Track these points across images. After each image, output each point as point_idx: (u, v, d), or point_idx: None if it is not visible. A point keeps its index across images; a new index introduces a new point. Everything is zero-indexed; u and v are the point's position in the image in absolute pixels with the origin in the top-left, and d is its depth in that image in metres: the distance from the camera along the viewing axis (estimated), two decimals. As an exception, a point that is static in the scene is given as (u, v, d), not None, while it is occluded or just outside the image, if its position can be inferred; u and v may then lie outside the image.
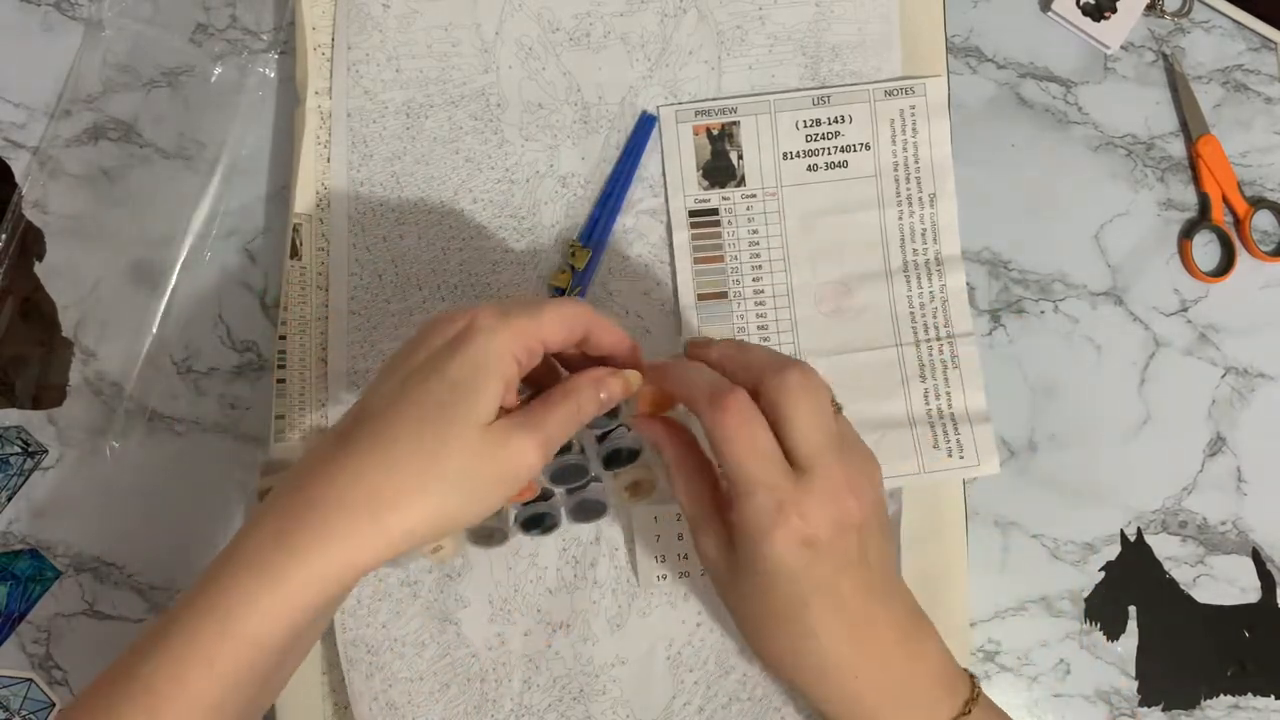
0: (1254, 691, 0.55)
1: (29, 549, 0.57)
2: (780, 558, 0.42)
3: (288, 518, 0.38)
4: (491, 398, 0.40)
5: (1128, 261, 0.58)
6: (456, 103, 0.59)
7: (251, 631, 0.37)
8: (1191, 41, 0.59)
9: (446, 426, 0.39)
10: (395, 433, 0.39)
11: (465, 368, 0.39)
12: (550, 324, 0.42)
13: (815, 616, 0.43)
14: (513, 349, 0.40)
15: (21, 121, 0.60)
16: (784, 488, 0.42)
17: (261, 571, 0.38)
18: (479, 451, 0.39)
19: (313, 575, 0.38)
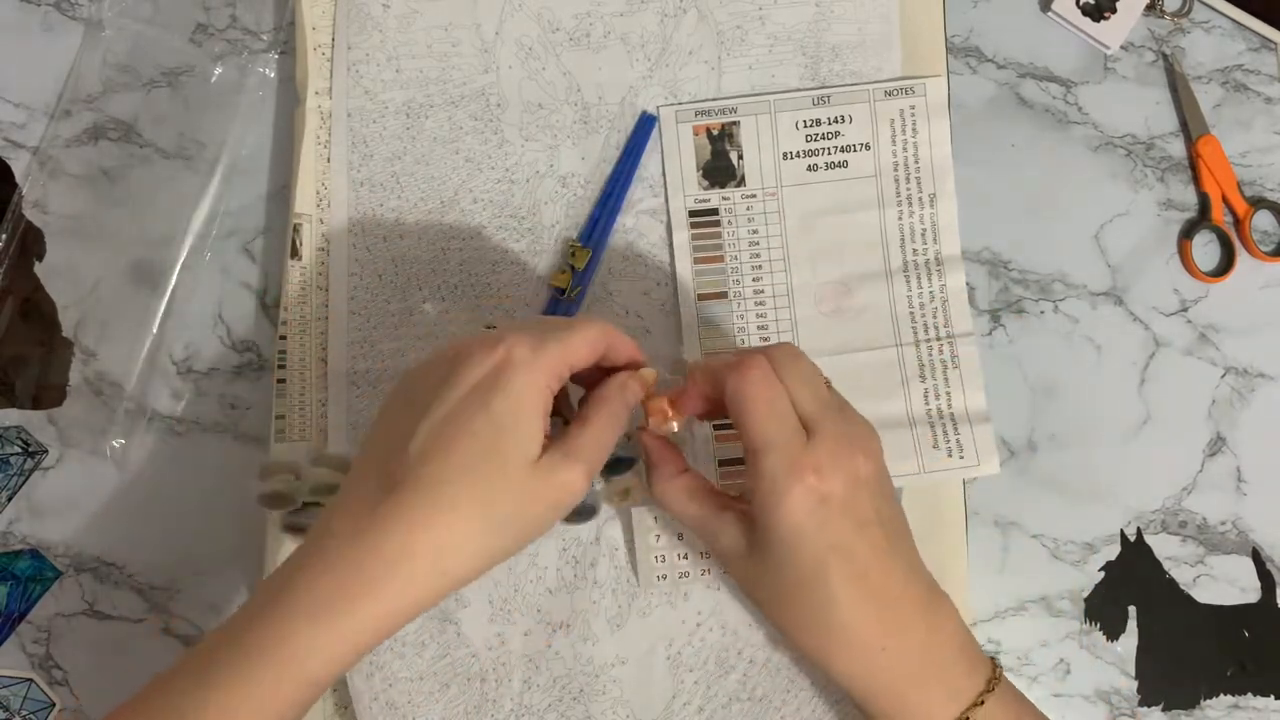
0: (1254, 691, 0.55)
1: (29, 549, 0.57)
2: (798, 516, 0.42)
3: (348, 569, 0.39)
4: (536, 433, 0.41)
5: (1128, 261, 0.58)
6: (456, 103, 0.59)
7: (310, 675, 0.39)
8: (1191, 41, 0.59)
9: (499, 471, 0.40)
10: (449, 479, 0.39)
11: (509, 404, 0.40)
12: (579, 349, 0.43)
13: (835, 581, 0.43)
14: (547, 381, 0.41)
15: (21, 121, 0.60)
16: (797, 445, 0.43)
17: (325, 622, 0.39)
18: (529, 490, 0.40)
19: (375, 622, 0.39)
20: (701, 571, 0.55)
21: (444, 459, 0.40)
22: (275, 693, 0.38)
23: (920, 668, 0.44)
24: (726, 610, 0.55)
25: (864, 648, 0.44)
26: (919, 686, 0.44)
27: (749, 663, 0.55)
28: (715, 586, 0.55)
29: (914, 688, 0.44)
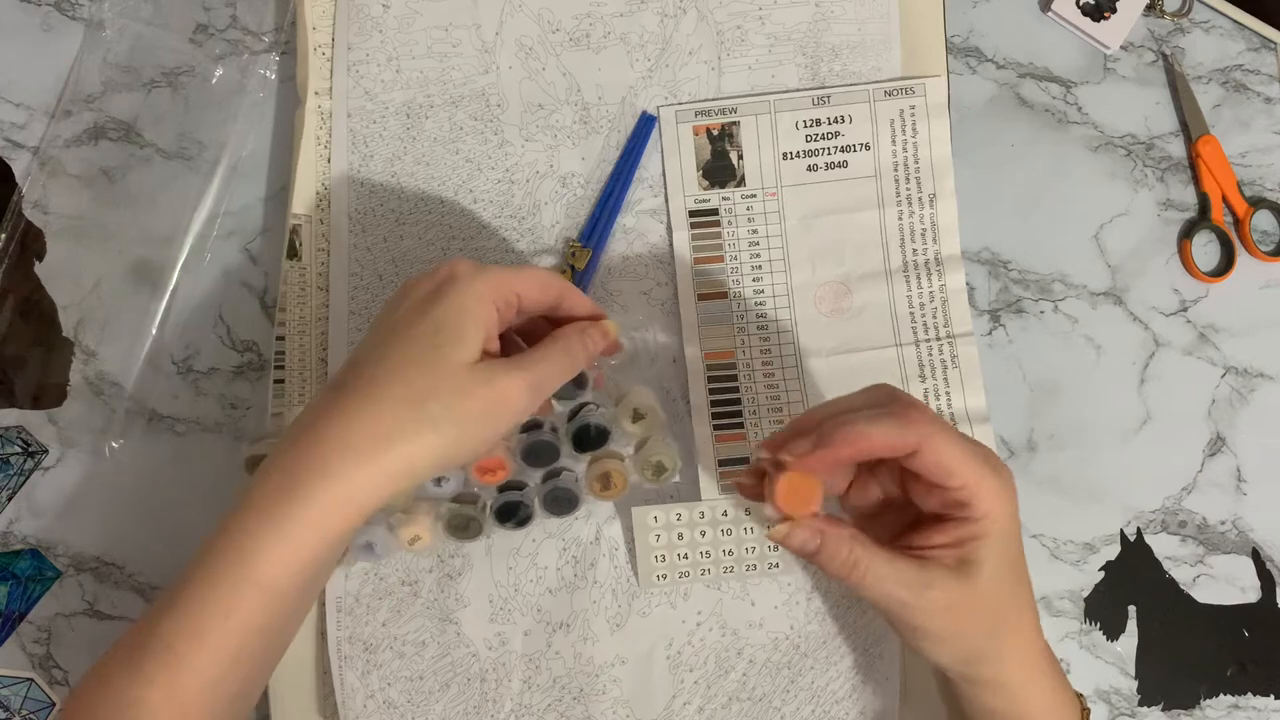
0: (1254, 691, 0.55)
1: (29, 549, 0.57)
2: (1011, 532, 0.43)
3: (290, 467, 0.40)
4: (474, 337, 0.42)
5: (1128, 261, 0.58)
6: (456, 103, 0.59)
7: (266, 579, 0.39)
8: (1191, 41, 0.59)
9: (433, 366, 0.41)
10: (386, 375, 0.41)
11: (448, 310, 0.42)
12: (526, 280, 0.44)
13: (1019, 611, 0.44)
14: (490, 295, 0.43)
15: (22, 122, 0.60)
16: (989, 457, 0.43)
17: (270, 518, 0.40)
18: (466, 389, 0.41)
19: (319, 515, 0.40)
20: (702, 571, 0.55)
21: (383, 360, 0.41)
22: (235, 600, 0.39)
23: (1054, 682, 0.45)
24: (726, 610, 0.55)
25: (1036, 665, 0.45)
26: (1052, 705, 0.45)
27: (749, 663, 0.55)
28: (715, 586, 0.55)
29: (1049, 705, 0.45)
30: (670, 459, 0.53)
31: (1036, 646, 0.45)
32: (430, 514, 0.53)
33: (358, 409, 0.41)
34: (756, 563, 0.55)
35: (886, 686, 0.55)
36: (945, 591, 0.42)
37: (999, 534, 0.42)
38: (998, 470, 0.43)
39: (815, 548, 0.43)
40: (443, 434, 0.41)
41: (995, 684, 0.44)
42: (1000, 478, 0.42)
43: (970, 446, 0.43)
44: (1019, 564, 0.44)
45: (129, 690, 0.39)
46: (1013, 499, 0.43)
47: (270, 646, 0.42)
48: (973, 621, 0.43)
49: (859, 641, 0.55)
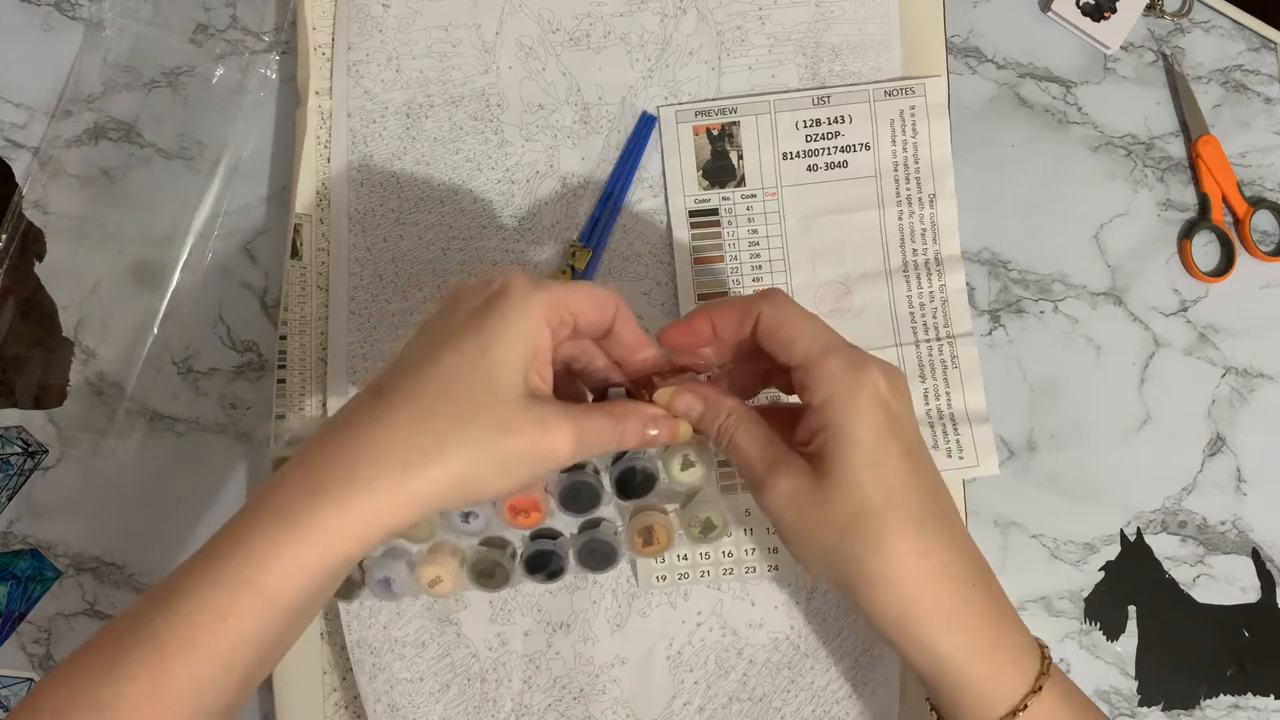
0: (1254, 691, 0.55)
1: (29, 549, 0.57)
2: (869, 419, 0.41)
3: (317, 466, 0.38)
4: (521, 363, 0.39)
5: (1127, 261, 0.58)
6: (456, 103, 0.59)
7: (270, 587, 0.37)
8: (1191, 41, 0.59)
9: (478, 392, 0.38)
10: (430, 389, 0.38)
11: (500, 328, 0.39)
12: (583, 299, 0.41)
13: (914, 502, 0.41)
14: (545, 315, 0.40)
15: (22, 122, 0.60)
16: (851, 348, 0.42)
17: (287, 520, 0.37)
18: (514, 423, 0.39)
19: (337, 527, 0.37)
20: (701, 573, 0.55)
21: (428, 370, 0.39)
22: (234, 604, 0.36)
23: (997, 624, 0.42)
24: (726, 610, 0.55)
25: (946, 590, 0.41)
26: (995, 646, 0.42)
27: (749, 663, 0.55)
28: (715, 586, 0.55)
29: (990, 648, 0.42)
30: (720, 516, 0.49)
31: (935, 578, 0.41)
32: (455, 556, 0.50)
33: (394, 421, 0.38)
34: (756, 565, 0.55)
35: (886, 686, 0.55)
36: (790, 478, 0.41)
37: (850, 431, 0.40)
38: (849, 357, 0.41)
39: (699, 410, 0.44)
40: (477, 464, 0.38)
41: (878, 618, 0.41)
42: (847, 362, 0.41)
43: (822, 326, 0.42)
44: (888, 474, 0.41)
45: (107, 685, 0.36)
46: (867, 393, 0.41)
47: (260, 661, 0.39)
48: (820, 522, 0.41)
49: (859, 642, 0.55)
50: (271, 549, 0.37)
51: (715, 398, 0.44)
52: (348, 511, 0.37)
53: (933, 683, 0.43)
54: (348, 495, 0.37)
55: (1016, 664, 0.42)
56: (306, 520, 0.37)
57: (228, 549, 0.37)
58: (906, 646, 0.42)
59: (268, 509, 0.37)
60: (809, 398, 0.42)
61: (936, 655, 0.41)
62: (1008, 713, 0.41)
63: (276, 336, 0.57)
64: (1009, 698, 0.41)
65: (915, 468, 0.42)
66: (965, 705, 0.42)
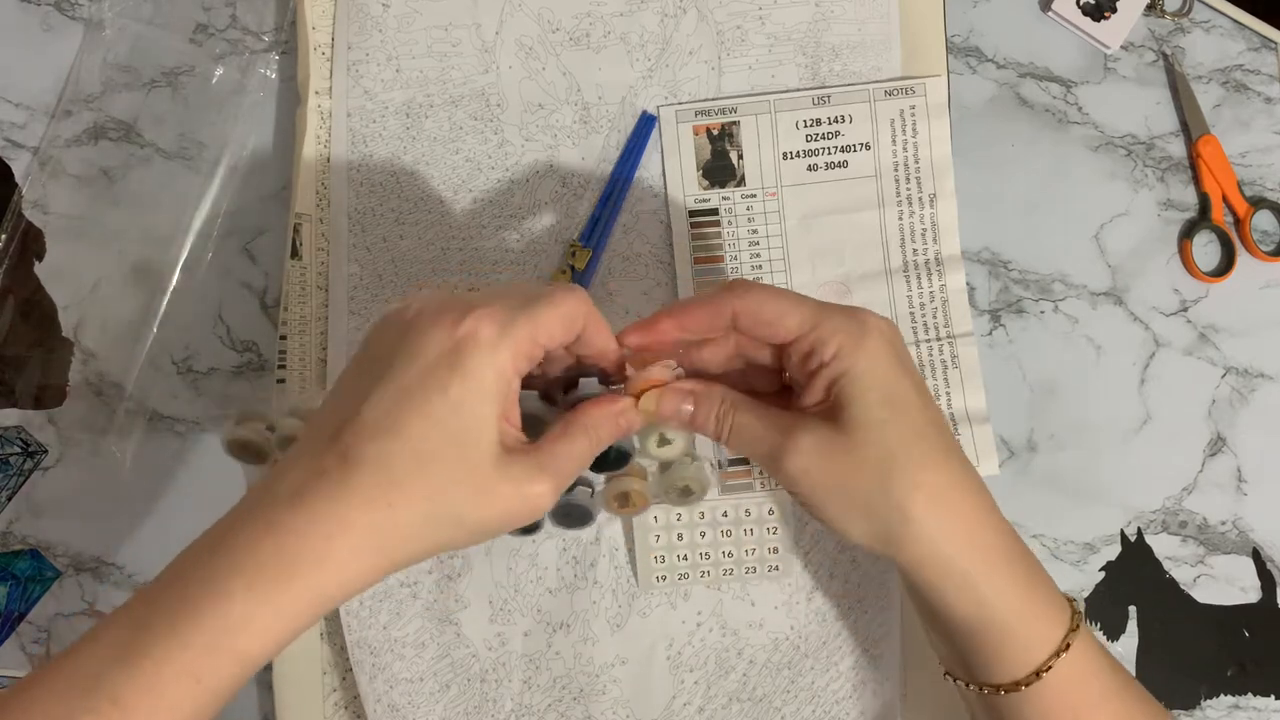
0: (1254, 691, 0.55)
1: (29, 549, 0.57)
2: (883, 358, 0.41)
3: (289, 533, 0.36)
4: (493, 427, 0.38)
5: (1128, 261, 0.58)
6: (456, 103, 0.59)
7: (243, 649, 0.36)
8: (1191, 41, 0.59)
9: (452, 463, 0.37)
10: (400, 463, 0.37)
11: (466, 392, 0.37)
12: (552, 327, 0.39)
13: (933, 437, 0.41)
14: (514, 365, 0.38)
15: (21, 121, 0.60)
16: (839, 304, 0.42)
17: (260, 589, 0.36)
18: (490, 490, 0.38)
19: (311, 595, 0.36)
20: (701, 573, 0.55)
21: (397, 437, 0.37)
22: (206, 665, 0.35)
23: (1031, 562, 0.42)
24: (727, 610, 0.55)
25: (986, 524, 0.41)
26: (1033, 585, 0.41)
27: (749, 663, 0.55)
28: (715, 586, 0.55)
29: (1030, 586, 0.41)
30: (698, 482, 0.50)
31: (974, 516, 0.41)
32: None
33: (366, 495, 0.36)
34: (756, 565, 0.55)
35: (886, 687, 0.55)
36: (811, 432, 0.41)
37: (863, 370, 0.40)
38: (844, 310, 0.41)
39: (689, 411, 0.43)
40: (456, 531, 0.38)
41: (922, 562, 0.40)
42: (845, 314, 0.41)
43: (800, 296, 0.42)
44: (910, 405, 0.41)
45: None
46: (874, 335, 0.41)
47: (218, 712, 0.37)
48: (853, 470, 0.40)
49: (859, 642, 0.55)
50: (248, 615, 0.35)
51: (703, 389, 0.43)
52: (322, 582, 0.36)
53: (972, 629, 0.41)
54: (323, 567, 0.36)
55: (1053, 603, 0.42)
56: (282, 590, 0.36)
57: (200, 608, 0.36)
58: (950, 588, 0.41)
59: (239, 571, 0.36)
60: (818, 359, 0.41)
61: (982, 595, 0.41)
62: (1051, 654, 0.41)
63: (276, 336, 0.57)
64: (1050, 638, 0.41)
65: (929, 404, 0.42)
66: (1007, 648, 0.41)
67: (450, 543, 0.39)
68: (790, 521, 0.55)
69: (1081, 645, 0.41)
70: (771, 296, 0.42)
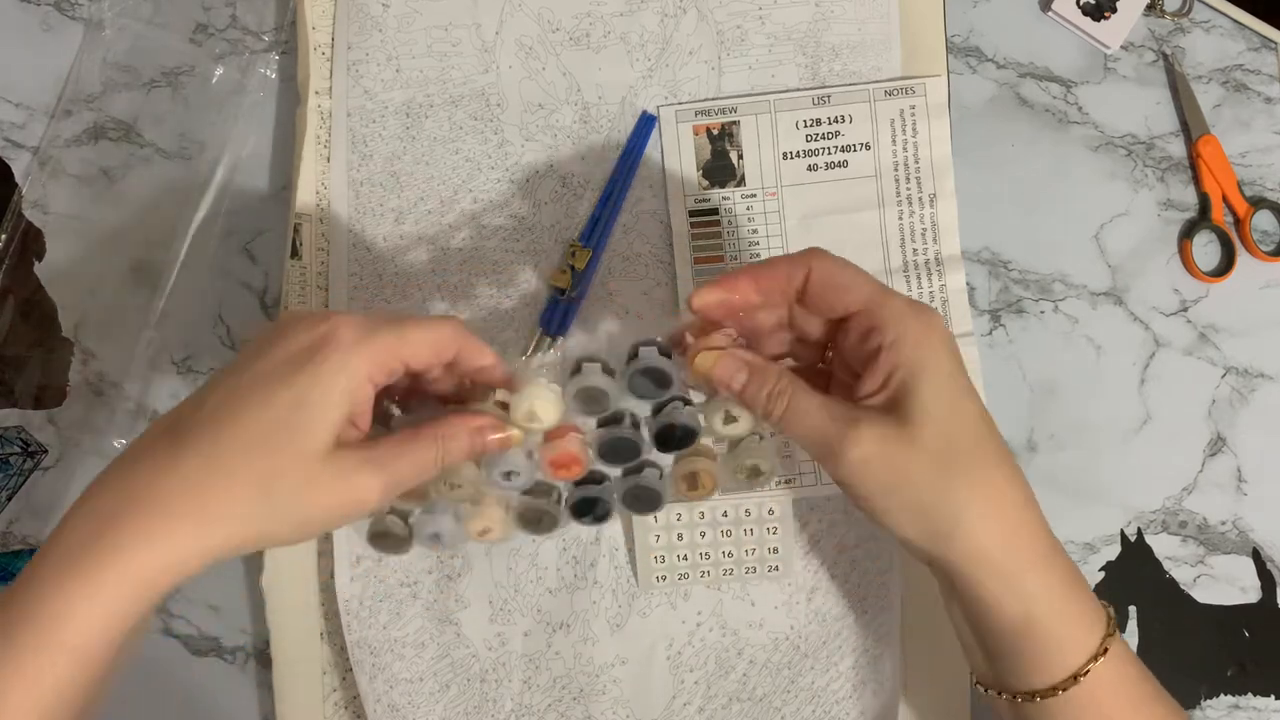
0: (1254, 691, 0.55)
1: (29, 549, 0.57)
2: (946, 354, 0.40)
3: (106, 517, 0.36)
4: (333, 424, 0.38)
5: (1128, 261, 0.58)
6: (456, 103, 0.59)
7: (73, 642, 0.35)
8: (1191, 41, 0.59)
9: (281, 451, 0.37)
10: (229, 447, 0.37)
11: (313, 386, 0.37)
12: (417, 346, 0.40)
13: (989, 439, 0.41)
14: (368, 370, 0.38)
15: (21, 121, 0.60)
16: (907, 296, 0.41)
17: (78, 575, 0.35)
18: (316, 480, 0.38)
19: (131, 578, 0.36)
20: (701, 573, 0.55)
21: (231, 423, 0.37)
22: (38, 664, 0.35)
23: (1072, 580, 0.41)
24: (727, 610, 0.55)
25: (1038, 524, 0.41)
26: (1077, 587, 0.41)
27: (749, 663, 0.55)
28: (715, 586, 0.55)
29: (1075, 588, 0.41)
30: (767, 462, 0.47)
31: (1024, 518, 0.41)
32: (501, 505, 0.48)
33: (189, 477, 0.36)
34: (756, 565, 0.55)
35: (886, 687, 0.55)
36: (873, 426, 0.39)
37: (927, 365, 0.40)
38: (911, 301, 0.41)
39: (743, 380, 0.42)
40: (281, 521, 0.38)
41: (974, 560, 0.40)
42: (909, 302, 0.41)
43: (868, 275, 0.41)
44: (968, 408, 0.41)
45: None
46: (938, 328, 0.40)
47: (79, 712, 0.36)
48: (914, 466, 0.39)
49: (859, 642, 0.55)
50: (72, 605, 0.35)
51: (761, 364, 0.42)
52: (138, 564, 0.36)
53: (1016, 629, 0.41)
54: (138, 548, 0.36)
55: (1091, 606, 0.42)
56: (98, 575, 0.35)
57: (26, 604, 0.35)
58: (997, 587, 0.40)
59: (60, 560, 0.36)
60: (877, 339, 0.40)
61: (1027, 593, 0.40)
62: (1089, 658, 0.41)
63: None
64: (1089, 642, 0.41)
65: (983, 407, 0.42)
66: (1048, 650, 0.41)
67: (276, 533, 0.38)
68: (790, 521, 0.55)
69: (1117, 650, 0.41)
70: (844, 265, 0.42)
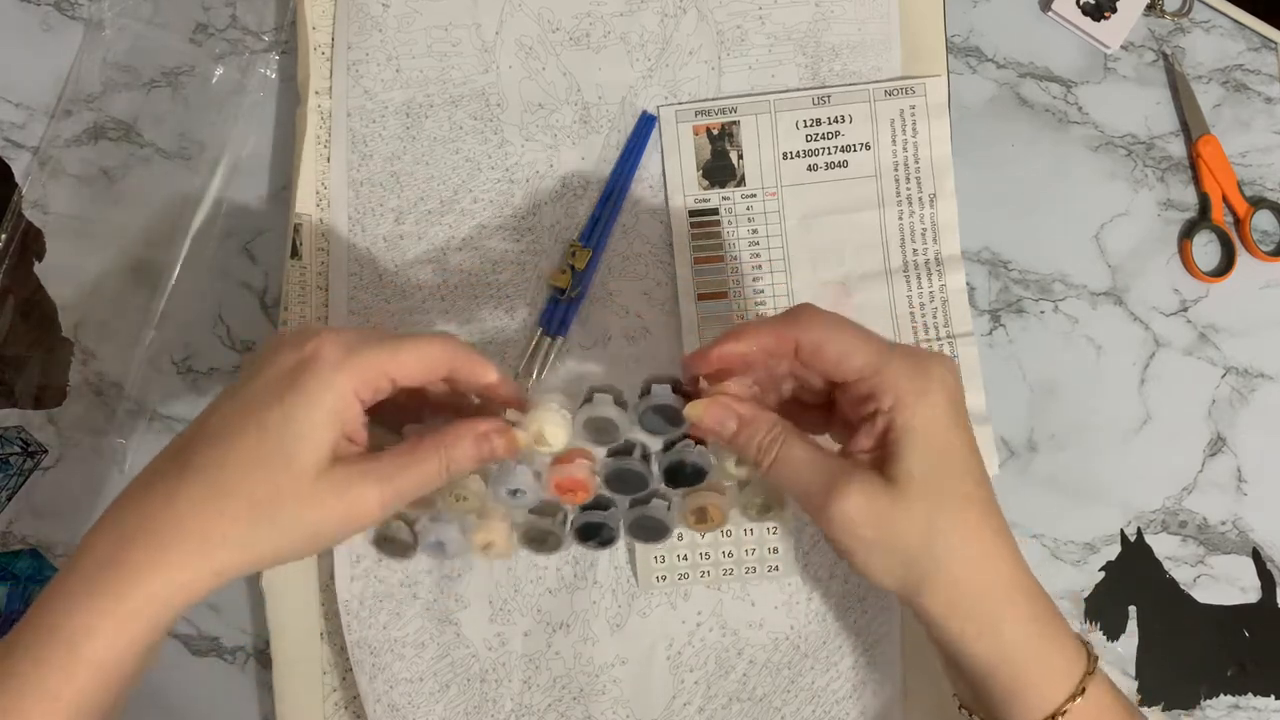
0: (1254, 691, 0.55)
1: (29, 549, 0.57)
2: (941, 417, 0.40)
3: (124, 541, 0.38)
4: (324, 441, 0.39)
5: (1128, 261, 0.58)
6: (456, 102, 0.59)
7: (96, 658, 0.37)
8: (1191, 41, 0.59)
9: (277, 471, 0.38)
10: (229, 469, 0.38)
11: (299, 404, 0.38)
12: (406, 362, 0.40)
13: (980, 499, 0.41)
14: (354, 386, 0.39)
15: (21, 121, 0.60)
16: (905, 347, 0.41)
17: (98, 595, 0.37)
18: (317, 498, 0.38)
19: (148, 598, 0.37)
20: (701, 573, 0.55)
21: (229, 445, 0.39)
22: (64, 680, 0.36)
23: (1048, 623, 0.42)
24: (727, 610, 0.55)
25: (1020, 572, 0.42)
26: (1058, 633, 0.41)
27: (749, 663, 0.55)
28: (715, 586, 0.55)
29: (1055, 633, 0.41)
30: (778, 497, 0.48)
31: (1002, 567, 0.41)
32: (506, 521, 0.49)
33: (194, 500, 0.38)
34: (756, 565, 0.55)
35: (886, 687, 0.55)
36: (863, 484, 0.40)
37: (919, 425, 0.40)
38: (910, 356, 0.40)
39: (732, 430, 0.42)
40: (285, 539, 0.39)
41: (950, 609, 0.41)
42: (910, 361, 0.40)
43: (867, 334, 0.41)
44: (959, 463, 0.41)
45: None
46: (936, 388, 0.40)
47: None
48: (898, 525, 0.40)
49: (859, 642, 0.55)
50: (93, 622, 0.37)
51: (753, 413, 0.42)
52: (156, 584, 0.37)
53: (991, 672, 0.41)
54: (154, 569, 0.37)
55: (1069, 645, 0.42)
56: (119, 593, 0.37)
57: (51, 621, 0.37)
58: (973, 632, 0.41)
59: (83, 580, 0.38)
60: (875, 404, 0.41)
61: (1003, 639, 0.41)
62: (1066, 698, 0.41)
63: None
64: (1066, 682, 0.41)
65: (976, 460, 0.42)
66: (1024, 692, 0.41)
67: (282, 551, 0.39)
68: (790, 522, 0.55)
69: (1096, 689, 0.41)
70: (837, 333, 0.41)
